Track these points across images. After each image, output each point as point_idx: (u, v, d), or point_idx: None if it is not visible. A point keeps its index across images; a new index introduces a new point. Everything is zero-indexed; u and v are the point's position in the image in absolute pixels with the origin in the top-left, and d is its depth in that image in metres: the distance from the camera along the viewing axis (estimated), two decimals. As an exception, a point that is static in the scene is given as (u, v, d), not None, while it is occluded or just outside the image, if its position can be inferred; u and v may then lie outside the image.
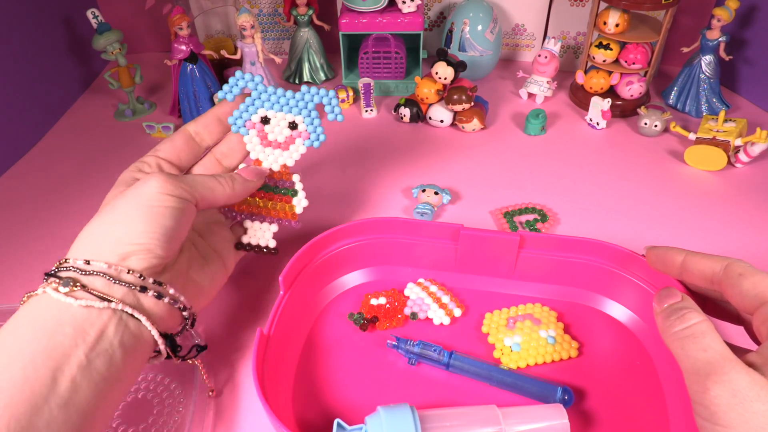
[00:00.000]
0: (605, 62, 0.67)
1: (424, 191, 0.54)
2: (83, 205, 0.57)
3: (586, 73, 0.70)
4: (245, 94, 0.42)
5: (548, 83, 0.71)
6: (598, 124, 0.67)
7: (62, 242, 0.52)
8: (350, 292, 0.45)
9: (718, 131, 0.59)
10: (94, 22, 0.66)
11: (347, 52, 0.75)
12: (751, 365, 0.26)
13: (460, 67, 0.63)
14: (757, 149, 0.57)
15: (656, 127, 0.64)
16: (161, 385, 0.39)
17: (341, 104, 0.72)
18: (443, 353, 0.39)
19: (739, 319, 0.33)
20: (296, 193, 0.43)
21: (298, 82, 0.77)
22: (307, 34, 0.75)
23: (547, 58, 0.69)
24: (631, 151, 0.63)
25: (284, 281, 0.39)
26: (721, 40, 0.65)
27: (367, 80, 0.68)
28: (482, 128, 0.66)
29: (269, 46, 0.83)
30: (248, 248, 0.44)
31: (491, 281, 0.45)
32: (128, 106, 0.71)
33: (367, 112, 0.70)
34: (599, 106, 0.66)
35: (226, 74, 0.74)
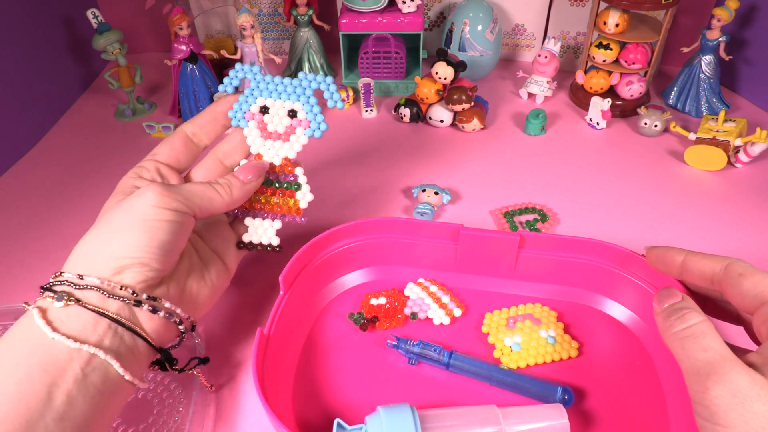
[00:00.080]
0: (605, 62, 0.67)
1: (424, 191, 0.54)
2: (83, 205, 0.57)
3: (586, 73, 0.70)
4: (243, 88, 0.41)
5: (548, 83, 0.71)
6: (598, 124, 0.67)
7: (62, 242, 0.52)
8: (350, 292, 0.45)
9: (718, 131, 0.59)
10: (94, 22, 0.66)
11: (347, 52, 0.75)
12: (751, 365, 0.26)
13: (460, 67, 0.63)
14: (757, 149, 0.57)
15: (656, 127, 0.64)
16: (161, 385, 0.39)
17: (341, 104, 0.72)
18: (443, 353, 0.39)
19: (739, 319, 0.33)
20: (300, 186, 0.41)
21: (298, 82, 0.77)
22: (307, 34, 0.75)
23: (547, 58, 0.69)
24: (631, 151, 0.63)
25: (284, 281, 0.39)
26: (721, 40, 0.65)
27: (367, 80, 0.68)
28: (482, 128, 0.66)
29: (269, 46, 0.83)
30: (250, 247, 0.42)
31: (491, 281, 0.45)
32: (128, 106, 0.71)
33: (367, 112, 0.70)
34: (599, 106, 0.66)
35: (225, 74, 0.74)
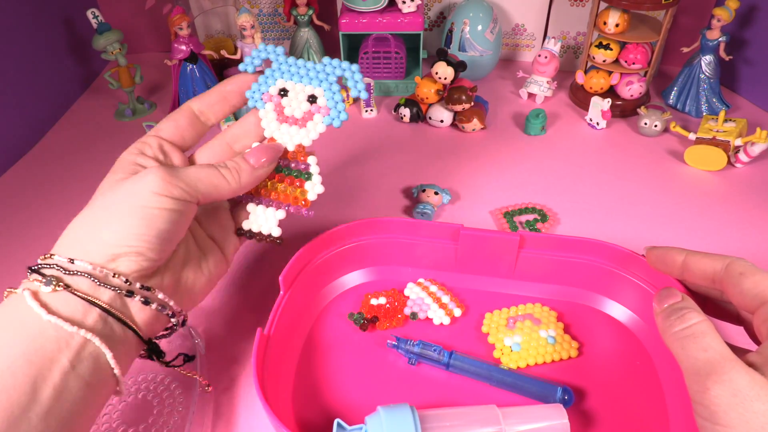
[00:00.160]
0: (605, 62, 0.67)
1: (424, 191, 0.54)
2: (83, 205, 0.57)
3: (586, 73, 0.70)
4: (260, 71, 0.39)
5: (548, 83, 0.71)
6: (598, 124, 0.67)
7: (62, 242, 0.52)
8: (350, 292, 0.45)
9: (718, 131, 0.59)
10: (94, 22, 0.66)
11: (347, 52, 0.75)
12: (751, 365, 0.26)
13: (460, 67, 0.63)
14: (757, 149, 0.57)
15: (656, 127, 0.64)
16: (161, 385, 0.39)
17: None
18: (443, 353, 0.39)
19: (739, 319, 0.33)
20: (310, 176, 0.38)
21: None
22: (307, 34, 0.75)
23: (547, 58, 0.69)
24: (631, 151, 0.63)
25: (284, 281, 0.39)
26: (721, 40, 0.65)
27: (367, 80, 0.68)
28: (482, 128, 0.66)
29: (269, 46, 0.83)
30: (249, 235, 0.39)
31: (491, 281, 0.45)
32: (128, 106, 0.71)
33: (367, 112, 0.70)
34: (599, 106, 0.66)
35: (226, 74, 0.74)
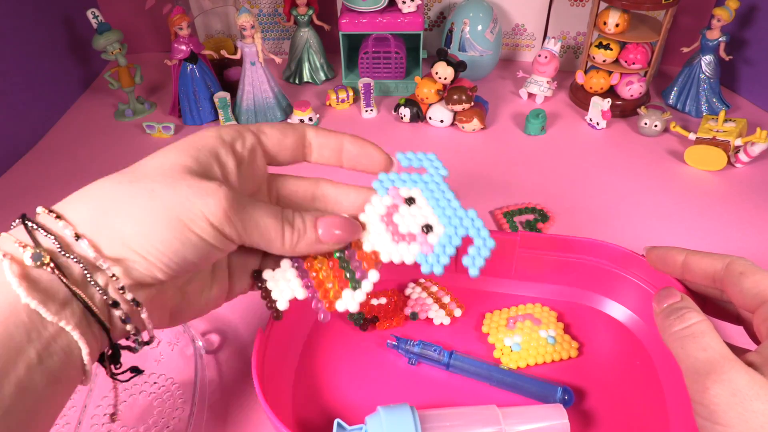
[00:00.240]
0: (605, 62, 0.67)
1: (424, 191, 0.54)
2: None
3: (586, 73, 0.70)
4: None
5: (548, 83, 0.71)
6: (598, 124, 0.67)
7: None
8: (350, 292, 0.45)
9: (718, 131, 0.59)
10: (94, 22, 0.66)
11: (347, 52, 0.75)
12: (750, 365, 0.26)
13: (460, 67, 0.63)
14: (757, 149, 0.57)
15: (656, 127, 0.64)
16: (161, 385, 0.39)
17: (341, 104, 0.72)
18: (443, 353, 0.39)
19: (739, 319, 0.33)
20: (357, 287, 0.32)
21: (298, 82, 0.77)
22: (307, 34, 0.75)
23: (547, 58, 0.69)
24: (631, 151, 0.63)
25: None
26: (721, 40, 0.65)
27: (367, 80, 0.68)
28: (482, 128, 0.66)
29: (269, 46, 0.83)
30: (260, 287, 0.33)
31: (491, 281, 0.45)
32: (128, 106, 0.71)
33: (367, 112, 0.70)
34: (599, 106, 0.66)
35: (225, 74, 0.74)
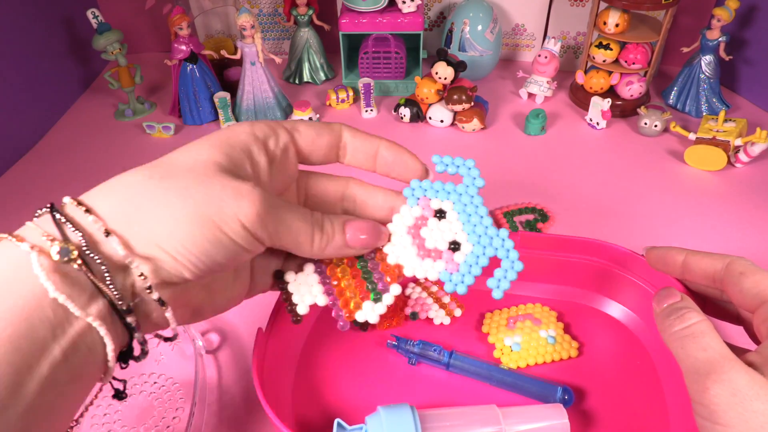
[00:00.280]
0: (605, 62, 0.67)
1: (424, 191, 0.54)
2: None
3: (586, 73, 0.70)
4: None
5: (548, 83, 0.71)
6: (598, 124, 0.67)
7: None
8: (350, 292, 0.45)
9: (718, 131, 0.59)
10: (94, 22, 0.66)
11: (347, 52, 0.75)
12: (750, 365, 0.26)
13: (460, 67, 0.63)
14: (756, 149, 0.57)
15: (656, 127, 0.64)
16: (161, 385, 0.39)
17: (341, 104, 0.72)
18: (443, 353, 0.39)
19: (739, 319, 0.33)
20: (379, 300, 0.31)
21: (298, 82, 0.77)
22: (307, 34, 0.75)
23: (547, 58, 0.69)
24: (631, 151, 0.63)
25: (284, 281, 0.39)
26: (721, 40, 0.65)
27: (367, 80, 0.68)
28: (482, 128, 0.66)
29: (269, 46, 0.83)
30: (281, 287, 0.32)
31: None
32: (128, 106, 0.71)
33: (367, 112, 0.70)
34: (599, 106, 0.66)
35: (226, 74, 0.74)
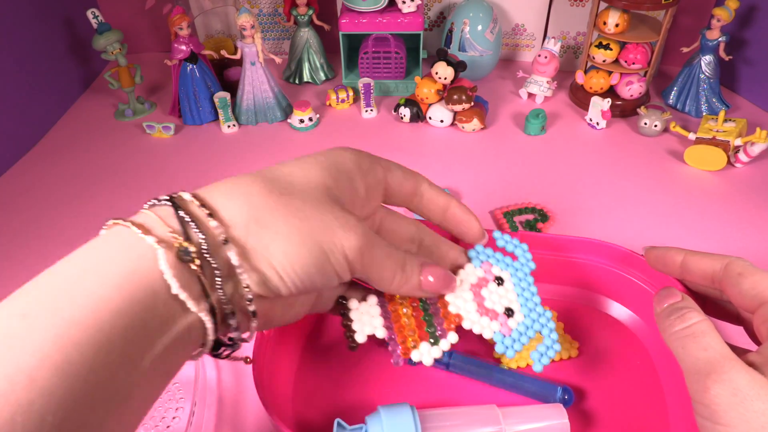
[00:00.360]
0: (605, 62, 0.67)
1: (424, 191, 0.54)
2: (83, 205, 0.57)
3: (586, 73, 0.70)
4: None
5: (548, 83, 0.71)
6: (598, 124, 0.67)
7: (62, 242, 0.52)
8: (350, 291, 0.45)
9: (718, 131, 0.59)
10: (94, 22, 0.66)
11: (347, 52, 0.75)
12: (751, 365, 0.26)
13: (460, 67, 0.63)
14: (756, 149, 0.57)
15: (656, 127, 0.64)
16: (161, 384, 0.39)
17: (341, 104, 0.72)
18: (443, 353, 0.39)
19: (739, 318, 0.33)
20: (435, 344, 0.32)
21: (298, 82, 0.77)
22: (307, 34, 0.75)
23: (547, 58, 0.69)
24: (631, 151, 0.63)
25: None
26: (720, 40, 0.65)
27: (367, 80, 0.68)
28: (482, 128, 0.66)
29: (269, 46, 0.83)
30: (342, 313, 0.33)
31: (491, 281, 0.45)
32: (128, 106, 0.71)
33: (367, 112, 0.70)
34: (599, 106, 0.66)
35: (226, 74, 0.74)
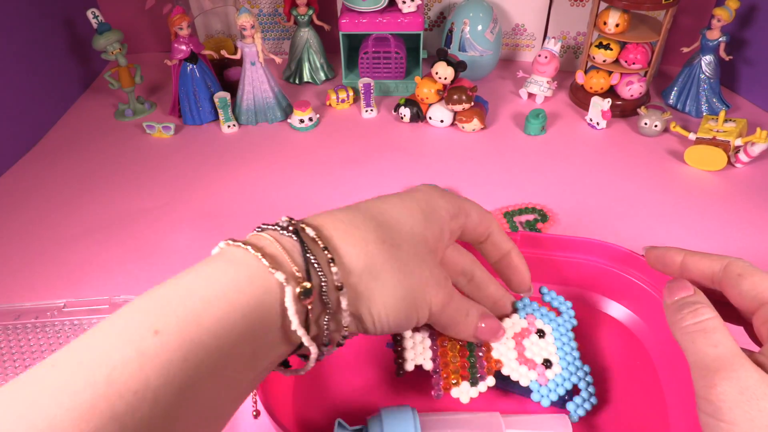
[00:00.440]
0: (605, 62, 0.67)
1: (424, 191, 0.54)
2: (83, 205, 0.57)
3: (586, 73, 0.70)
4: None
5: (548, 83, 0.71)
6: (598, 124, 0.67)
7: (62, 242, 0.52)
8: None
9: (718, 131, 0.59)
10: (94, 22, 0.66)
11: (347, 52, 0.75)
12: (758, 365, 0.26)
13: (460, 67, 0.63)
14: (757, 149, 0.57)
15: (656, 127, 0.64)
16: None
17: (341, 104, 0.72)
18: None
19: (739, 318, 0.33)
20: (474, 384, 0.34)
21: (298, 82, 0.77)
22: (307, 34, 0.75)
23: (547, 58, 0.69)
24: (631, 151, 0.63)
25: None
26: (721, 40, 0.65)
27: (367, 80, 0.68)
28: (482, 128, 0.66)
29: (269, 46, 0.83)
30: (396, 342, 0.35)
31: (491, 281, 0.45)
32: (128, 106, 0.71)
33: (367, 112, 0.70)
34: (599, 106, 0.66)
35: (225, 74, 0.74)
